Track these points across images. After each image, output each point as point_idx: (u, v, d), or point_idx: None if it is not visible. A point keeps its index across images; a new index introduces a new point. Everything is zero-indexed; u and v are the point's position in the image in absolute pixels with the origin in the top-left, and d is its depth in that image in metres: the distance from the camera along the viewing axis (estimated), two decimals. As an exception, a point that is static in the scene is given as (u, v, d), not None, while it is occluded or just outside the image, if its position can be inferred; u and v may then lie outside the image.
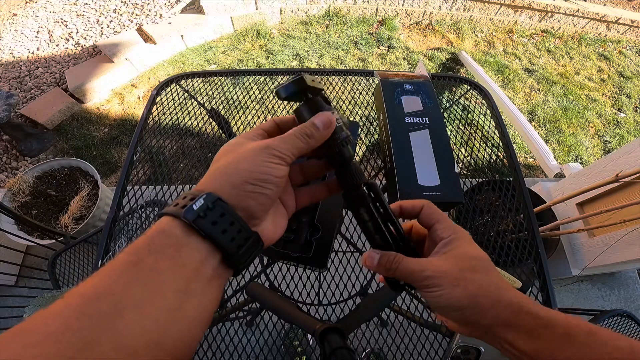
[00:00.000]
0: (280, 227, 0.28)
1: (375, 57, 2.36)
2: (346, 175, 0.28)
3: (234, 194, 0.22)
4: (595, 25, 2.71)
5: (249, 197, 0.23)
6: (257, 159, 0.23)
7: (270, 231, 0.26)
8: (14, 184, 1.28)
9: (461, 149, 0.79)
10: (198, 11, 2.30)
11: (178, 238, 0.20)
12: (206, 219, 0.20)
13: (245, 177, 0.23)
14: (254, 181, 0.23)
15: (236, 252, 0.22)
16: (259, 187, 0.23)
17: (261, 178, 0.23)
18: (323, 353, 0.39)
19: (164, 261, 0.19)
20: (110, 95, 2.02)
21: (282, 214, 0.28)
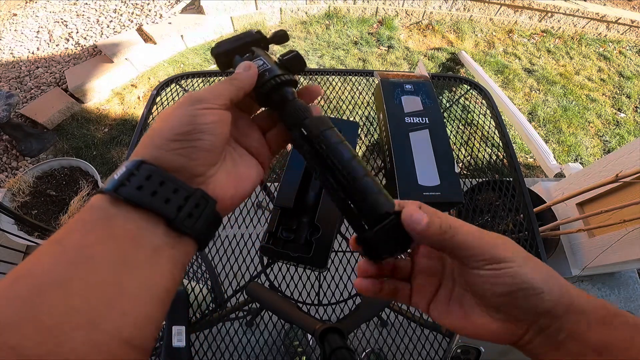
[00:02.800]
0: (247, 178, 0.25)
1: (375, 57, 2.36)
2: (286, 115, 0.25)
3: (160, 155, 0.20)
4: (595, 25, 2.71)
5: (177, 154, 0.20)
6: (181, 112, 0.21)
7: (228, 186, 0.23)
8: (14, 184, 1.28)
9: (461, 149, 0.79)
10: (198, 11, 2.30)
11: (106, 210, 0.18)
12: (130, 185, 0.18)
13: (167, 135, 0.20)
14: (177, 136, 0.20)
15: (177, 214, 0.19)
16: (185, 142, 0.20)
17: (185, 130, 0.21)
18: (323, 353, 0.39)
19: (92, 235, 0.17)
20: (110, 95, 2.02)
21: (247, 164, 0.26)
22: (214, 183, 0.22)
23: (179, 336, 0.52)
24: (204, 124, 0.21)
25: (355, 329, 0.46)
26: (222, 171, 0.23)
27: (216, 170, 0.23)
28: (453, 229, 0.21)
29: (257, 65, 0.25)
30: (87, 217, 0.18)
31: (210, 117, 0.22)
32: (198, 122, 0.21)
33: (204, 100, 0.22)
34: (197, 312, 0.60)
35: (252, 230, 0.69)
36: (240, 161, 0.25)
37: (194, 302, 0.61)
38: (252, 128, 0.27)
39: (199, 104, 0.22)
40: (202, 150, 0.21)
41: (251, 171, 0.26)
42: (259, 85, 0.25)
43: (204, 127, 0.21)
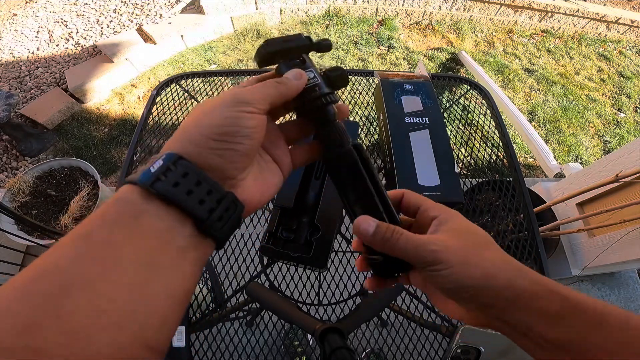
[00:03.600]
0: (271, 185, 0.25)
1: (375, 57, 2.36)
2: (329, 134, 0.26)
3: (197, 152, 0.20)
4: (595, 25, 2.71)
5: (215, 155, 0.20)
6: (222, 110, 0.21)
7: (254, 192, 0.23)
8: (14, 184, 1.28)
9: (461, 149, 0.79)
10: (198, 11, 2.30)
11: (136, 205, 0.17)
12: (166, 180, 0.18)
13: (207, 132, 0.20)
14: (217, 136, 0.20)
15: (208, 217, 0.19)
16: (226, 143, 0.20)
17: (227, 131, 0.20)
18: (323, 353, 0.39)
19: (119, 232, 0.16)
20: (110, 95, 2.02)
21: (272, 171, 0.26)
22: (243, 187, 0.22)
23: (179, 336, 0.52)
24: (247, 128, 0.21)
25: (355, 329, 0.46)
26: (251, 176, 0.23)
27: (246, 175, 0.23)
28: (395, 237, 0.23)
29: (308, 77, 0.25)
30: (114, 210, 0.17)
31: (253, 122, 0.21)
32: (241, 125, 0.21)
33: (249, 103, 0.22)
34: (197, 312, 0.60)
35: (252, 230, 0.69)
36: (266, 167, 0.25)
37: (194, 302, 0.61)
38: (279, 136, 0.27)
39: (244, 105, 0.21)
40: (239, 154, 0.21)
41: (275, 179, 0.26)
42: (308, 99, 0.25)
43: (246, 130, 0.21)
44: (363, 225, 0.24)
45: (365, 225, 0.24)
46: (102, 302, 0.15)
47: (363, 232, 0.24)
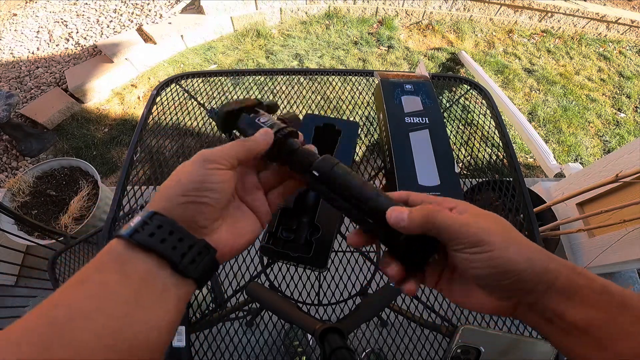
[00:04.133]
0: (246, 234, 0.28)
1: (375, 57, 2.36)
2: (294, 165, 0.29)
3: (170, 208, 0.23)
4: (595, 25, 2.71)
5: (185, 208, 0.23)
6: (193, 169, 0.24)
7: (228, 239, 0.26)
8: (14, 184, 1.28)
9: (461, 149, 0.79)
10: (198, 11, 2.30)
11: (121, 254, 0.21)
12: (143, 232, 0.21)
13: (178, 189, 0.24)
14: (186, 192, 0.23)
15: (181, 260, 0.22)
16: (193, 197, 0.24)
17: (194, 187, 0.24)
18: (323, 353, 0.39)
19: (111, 276, 0.20)
20: (110, 95, 2.02)
21: (248, 220, 0.28)
22: (216, 235, 0.25)
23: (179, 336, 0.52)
24: (212, 183, 0.24)
25: (355, 329, 0.46)
26: (225, 225, 0.26)
27: (219, 225, 0.26)
28: (432, 218, 0.23)
29: (263, 121, 0.29)
30: (106, 259, 0.21)
31: (218, 177, 0.25)
32: (207, 181, 0.24)
33: (214, 161, 0.25)
34: (197, 312, 0.60)
35: (252, 230, 0.68)
36: (241, 218, 0.28)
37: (194, 302, 0.61)
38: (256, 187, 0.30)
39: (209, 163, 0.25)
40: (209, 206, 0.24)
41: (250, 228, 0.28)
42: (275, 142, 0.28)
43: (211, 185, 0.24)
44: (395, 214, 0.24)
45: (398, 214, 0.24)
46: (98, 329, 0.18)
47: (397, 219, 0.24)
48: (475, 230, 0.22)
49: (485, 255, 0.21)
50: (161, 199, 0.24)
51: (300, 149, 0.29)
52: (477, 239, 0.21)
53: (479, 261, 0.21)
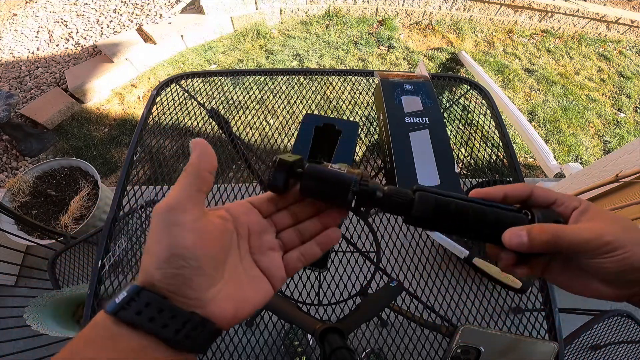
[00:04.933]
0: (251, 302, 0.24)
1: (375, 57, 2.36)
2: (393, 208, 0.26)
3: (154, 281, 0.20)
4: (595, 25, 2.71)
5: (168, 282, 0.20)
6: (157, 233, 0.20)
7: (228, 307, 0.22)
8: (14, 184, 1.28)
9: (461, 149, 0.79)
10: (198, 11, 2.30)
11: (110, 329, 0.20)
12: (130, 309, 0.20)
13: (153, 262, 0.20)
14: (160, 265, 0.20)
15: (174, 337, 0.20)
16: (171, 269, 0.20)
17: (166, 257, 0.20)
18: (323, 353, 0.39)
19: (101, 350, 0.19)
20: (110, 95, 2.02)
21: (255, 285, 0.24)
22: (214, 305, 0.22)
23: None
24: (183, 249, 0.20)
25: (355, 329, 0.46)
26: (224, 293, 0.22)
27: (216, 292, 0.22)
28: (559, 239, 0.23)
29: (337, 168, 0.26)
30: (93, 333, 0.20)
31: (188, 239, 0.20)
32: (176, 246, 0.20)
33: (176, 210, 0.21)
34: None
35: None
36: (247, 282, 0.24)
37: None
38: (272, 248, 0.26)
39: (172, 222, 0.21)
40: (190, 277, 0.20)
41: (257, 294, 0.24)
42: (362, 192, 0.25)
43: (182, 252, 0.20)
44: (513, 238, 0.24)
45: (516, 238, 0.24)
46: None
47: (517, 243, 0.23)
48: (608, 239, 0.22)
49: (617, 258, 0.22)
50: (144, 270, 0.21)
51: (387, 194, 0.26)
52: (610, 247, 0.22)
53: (610, 263, 0.22)
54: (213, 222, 0.23)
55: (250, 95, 0.90)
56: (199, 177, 0.22)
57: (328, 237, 0.27)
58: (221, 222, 0.23)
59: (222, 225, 0.23)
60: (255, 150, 0.89)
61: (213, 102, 0.84)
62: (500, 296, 0.62)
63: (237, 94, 0.88)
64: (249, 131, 0.82)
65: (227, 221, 0.24)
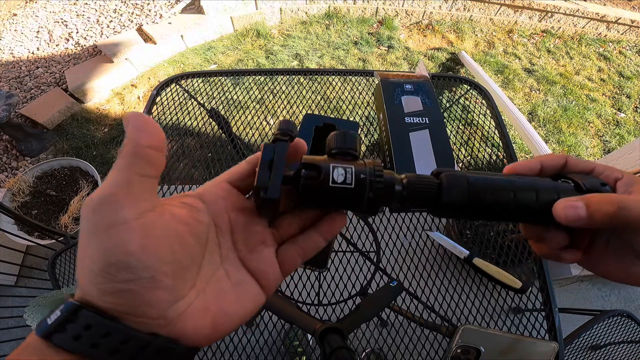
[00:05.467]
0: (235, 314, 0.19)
1: (375, 57, 2.36)
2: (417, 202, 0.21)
3: (96, 296, 0.15)
4: (595, 25, 2.70)
5: (114, 297, 0.15)
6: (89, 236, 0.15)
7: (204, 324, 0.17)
8: (14, 184, 1.28)
9: (461, 149, 0.79)
10: (198, 11, 2.30)
11: (43, 354, 0.15)
12: (66, 333, 0.15)
13: (85, 274, 0.15)
14: (101, 273, 0.15)
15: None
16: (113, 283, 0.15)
17: (103, 267, 0.14)
18: (323, 353, 0.39)
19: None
20: (110, 95, 2.02)
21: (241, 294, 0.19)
22: (183, 323, 0.16)
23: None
24: (125, 255, 0.14)
25: (355, 329, 0.46)
26: (198, 306, 0.17)
27: (185, 306, 0.17)
28: (621, 209, 0.18)
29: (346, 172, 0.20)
30: (24, 356, 0.15)
31: (132, 241, 0.15)
32: (115, 253, 0.14)
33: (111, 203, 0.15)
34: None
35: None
36: (230, 289, 0.19)
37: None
38: (264, 242, 0.20)
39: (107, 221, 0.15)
40: (139, 293, 0.15)
41: (244, 304, 0.19)
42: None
43: (125, 260, 0.14)
44: (568, 210, 0.19)
45: (571, 210, 0.19)
46: None
47: (573, 217, 0.19)
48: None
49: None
50: (83, 278, 0.15)
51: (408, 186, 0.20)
52: None
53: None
54: (173, 215, 0.17)
55: (250, 95, 0.90)
56: (138, 156, 0.16)
57: (333, 223, 0.21)
58: (187, 214, 0.18)
59: (190, 217, 0.18)
60: (255, 150, 0.89)
61: (213, 102, 0.84)
62: (500, 296, 0.62)
63: (237, 94, 0.88)
64: (249, 131, 0.82)
65: (198, 211, 0.18)
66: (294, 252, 0.21)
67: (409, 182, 0.20)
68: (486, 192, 0.20)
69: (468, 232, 0.99)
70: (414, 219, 0.69)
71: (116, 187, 0.15)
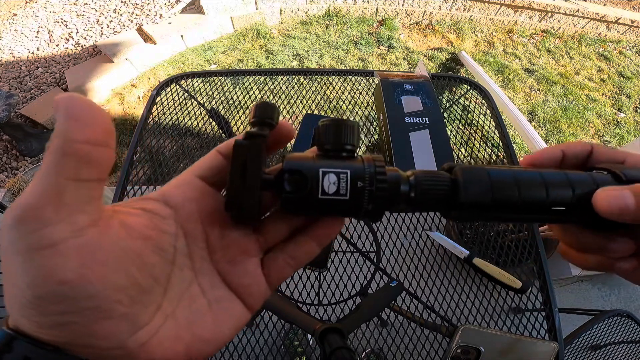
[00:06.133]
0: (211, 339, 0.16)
1: (375, 57, 2.36)
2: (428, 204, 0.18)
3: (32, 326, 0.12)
4: (595, 25, 2.70)
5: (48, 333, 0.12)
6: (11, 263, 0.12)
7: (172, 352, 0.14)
8: (14, 184, 1.28)
9: (461, 149, 0.79)
10: (198, 11, 2.30)
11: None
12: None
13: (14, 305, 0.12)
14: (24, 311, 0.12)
15: None
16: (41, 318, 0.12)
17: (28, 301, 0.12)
18: (323, 353, 0.39)
19: None
20: (110, 95, 2.02)
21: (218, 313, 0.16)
22: (149, 353, 0.14)
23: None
24: (59, 285, 0.11)
25: (355, 329, 0.46)
26: (166, 332, 0.14)
27: (151, 333, 0.14)
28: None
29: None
30: None
31: (67, 267, 0.11)
32: (45, 284, 0.11)
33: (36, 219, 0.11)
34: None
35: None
36: (206, 309, 0.16)
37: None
38: (248, 250, 0.17)
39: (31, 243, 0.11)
40: (83, 328, 0.12)
41: (223, 326, 0.16)
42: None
43: (60, 290, 0.11)
44: (612, 201, 0.15)
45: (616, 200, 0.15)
46: None
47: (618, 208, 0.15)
48: None
49: None
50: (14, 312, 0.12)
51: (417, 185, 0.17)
52: None
53: None
54: (127, 228, 0.14)
55: (250, 95, 0.90)
56: (69, 154, 0.12)
57: (329, 227, 0.18)
58: (147, 224, 0.14)
59: (151, 228, 0.14)
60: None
61: (213, 102, 0.84)
62: (500, 296, 0.62)
63: (237, 94, 0.88)
64: (249, 131, 0.82)
65: (162, 219, 0.15)
66: (282, 262, 0.17)
67: (417, 181, 0.17)
68: (512, 188, 0.17)
69: (468, 232, 0.99)
70: (414, 219, 0.69)
71: (41, 197, 0.11)
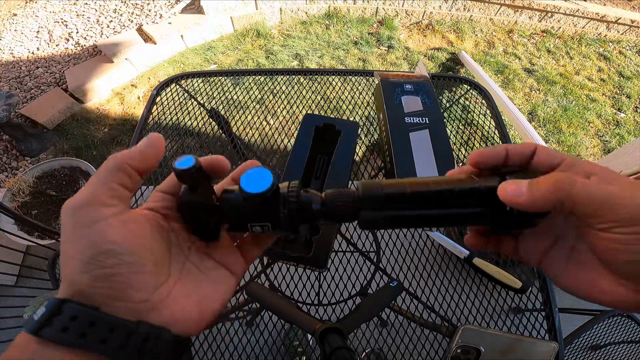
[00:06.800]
0: (214, 296, 0.21)
1: (375, 57, 2.36)
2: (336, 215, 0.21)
3: (79, 290, 0.17)
4: (595, 25, 2.70)
5: (97, 288, 0.16)
6: (75, 233, 0.17)
7: (189, 308, 0.19)
8: (14, 184, 1.28)
9: (461, 149, 0.79)
10: (198, 11, 2.30)
11: (32, 350, 0.16)
12: (52, 326, 0.16)
13: (75, 267, 0.17)
14: (85, 267, 0.16)
15: (118, 353, 0.16)
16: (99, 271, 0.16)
17: (89, 257, 0.16)
18: (323, 353, 0.39)
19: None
20: (110, 95, 2.02)
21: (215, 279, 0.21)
22: (168, 307, 0.18)
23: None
24: (111, 243, 0.17)
25: (355, 329, 0.46)
26: (178, 292, 0.19)
27: (168, 291, 0.19)
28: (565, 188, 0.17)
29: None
30: (14, 355, 0.16)
31: (115, 232, 0.17)
32: (102, 243, 0.17)
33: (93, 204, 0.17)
34: (197, 312, 0.60)
35: (252, 230, 0.68)
36: (204, 277, 0.21)
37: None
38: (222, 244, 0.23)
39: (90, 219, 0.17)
40: (126, 276, 0.17)
41: (219, 287, 0.21)
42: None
43: (111, 247, 0.17)
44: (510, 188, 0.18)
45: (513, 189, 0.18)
46: None
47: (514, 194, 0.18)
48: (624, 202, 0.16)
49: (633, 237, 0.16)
50: (66, 280, 0.17)
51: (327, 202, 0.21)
52: (625, 214, 0.16)
53: (635, 243, 0.16)
54: (144, 216, 0.20)
55: (250, 95, 0.90)
56: (120, 170, 0.19)
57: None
58: (153, 217, 0.20)
59: (155, 220, 0.20)
60: (255, 150, 0.89)
61: (213, 102, 0.84)
62: (500, 296, 0.62)
63: (237, 94, 0.88)
64: (249, 131, 0.82)
65: (160, 217, 0.21)
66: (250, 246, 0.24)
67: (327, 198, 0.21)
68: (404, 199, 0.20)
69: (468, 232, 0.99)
70: (414, 219, 0.69)
71: (96, 192, 0.18)
